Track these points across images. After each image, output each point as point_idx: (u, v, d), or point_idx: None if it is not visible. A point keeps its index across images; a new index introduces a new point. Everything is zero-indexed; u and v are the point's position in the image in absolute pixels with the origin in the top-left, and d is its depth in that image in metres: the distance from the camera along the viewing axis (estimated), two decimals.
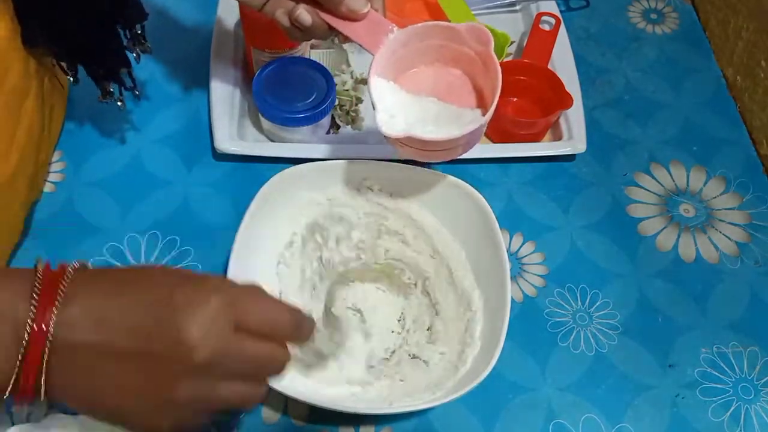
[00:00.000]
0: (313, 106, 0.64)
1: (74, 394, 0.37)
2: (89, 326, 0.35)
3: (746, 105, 0.74)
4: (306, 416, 0.54)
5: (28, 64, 0.55)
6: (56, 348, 0.35)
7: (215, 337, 0.36)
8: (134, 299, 0.36)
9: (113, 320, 0.36)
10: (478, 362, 0.51)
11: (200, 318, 0.35)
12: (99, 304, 0.36)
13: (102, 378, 0.36)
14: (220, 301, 0.36)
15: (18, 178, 0.55)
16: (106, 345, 0.35)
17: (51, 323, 0.35)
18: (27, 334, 0.35)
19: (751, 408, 0.56)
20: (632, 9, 0.83)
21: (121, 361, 0.36)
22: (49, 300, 0.35)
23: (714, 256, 0.64)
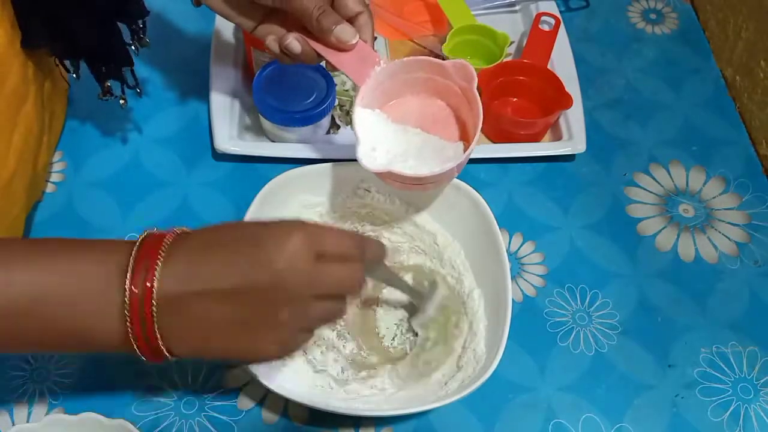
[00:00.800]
0: (313, 106, 0.64)
1: (189, 343, 0.41)
2: (190, 278, 0.39)
3: (745, 105, 0.74)
4: (306, 417, 0.54)
5: (26, 69, 0.55)
6: (163, 303, 0.39)
7: (303, 265, 0.40)
8: (226, 249, 0.40)
9: (211, 269, 0.40)
10: (479, 363, 0.51)
11: (286, 253, 0.39)
12: (196, 258, 0.40)
13: (210, 321, 0.40)
14: (300, 236, 0.40)
15: (16, 182, 0.55)
16: (209, 289, 0.39)
17: (155, 281, 0.39)
18: (134, 294, 0.39)
19: (751, 408, 0.56)
20: (632, 9, 0.83)
21: (224, 302, 0.40)
22: (151, 261, 0.39)
23: (713, 256, 0.64)
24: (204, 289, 0.39)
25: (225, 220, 0.62)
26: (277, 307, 0.40)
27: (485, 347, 0.52)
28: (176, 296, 0.39)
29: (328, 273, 0.41)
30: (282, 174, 0.57)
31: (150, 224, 0.62)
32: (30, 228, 0.61)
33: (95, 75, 0.60)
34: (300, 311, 0.41)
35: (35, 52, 0.56)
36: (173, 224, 0.61)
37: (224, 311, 0.40)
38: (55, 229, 0.62)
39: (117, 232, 0.62)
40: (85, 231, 0.62)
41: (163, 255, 0.40)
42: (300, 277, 0.40)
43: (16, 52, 0.53)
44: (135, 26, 0.59)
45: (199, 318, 0.40)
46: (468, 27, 0.73)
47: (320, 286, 0.41)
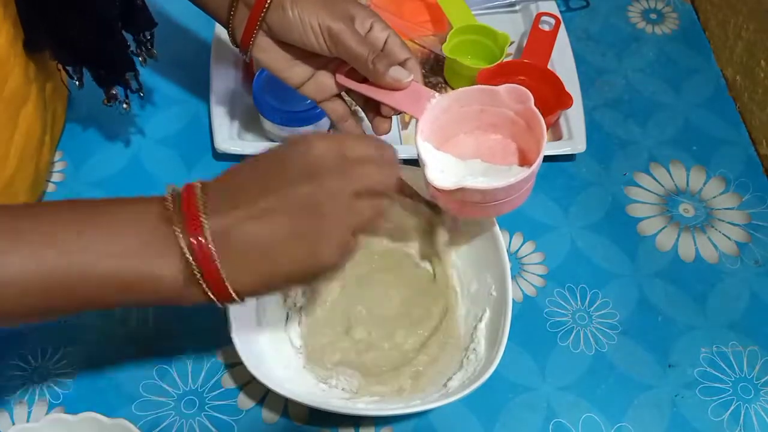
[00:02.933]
0: (314, 106, 0.64)
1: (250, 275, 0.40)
2: (232, 208, 0.39)
3: (746, 105, 0.74)
4: (306, 417, 0.54)
5: (28, 70, 0.55)
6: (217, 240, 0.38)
7: (332, 163, 0.40)
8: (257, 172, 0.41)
9: (248, 194, 0.40)
10: (479, 363, 0.51)
11: (313, 150, 0.40)
12: (232, 189, 0.41)
13: (263, 242, 0.40)
14: (323, 140, 0.41)
15: (16, 182, 0.55)
16: (253, 214, 0.39)
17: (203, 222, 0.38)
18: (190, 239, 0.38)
19: (751, 407, 0.56)
20: (632, 9, 0.83)
21: (271, 220, 0.39)
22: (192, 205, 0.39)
23: (713, 255, 0.64)
24: (248, 213, 0.39)
25: None
26: (322, 208, 0.40)
27: (485, 347, 0.52)
28: (225, 230, 0.39)
29: (360, 168, 0.41)
30: None
31: None
32: None
33: (97, 81, 0.59)
34: (344, 207, 0.41)
35: (37, 53, 0.56)
36: None
37: (274, 228, 0.39)
38: None
39: None
40: None
41: (199, 197, 0.40)
42: (334, 174, 0.40)
43: (18, 53, 0.53)
44: (142, 37, 0.59)
45: (253, 243, 0.39)
46: (468, 27, 0.73)
47: (356, 180, 0.41)
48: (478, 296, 0.56)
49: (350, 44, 0.50)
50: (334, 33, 0.50)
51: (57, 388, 0.54)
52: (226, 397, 0.55)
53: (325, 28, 0.50)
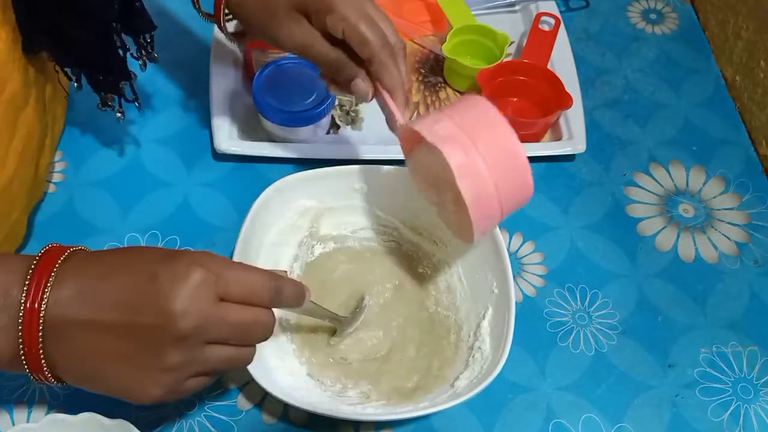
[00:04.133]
0: (313, 106, 0.64)
1: (73, 371, 0.41)
2: (79, 304, 0.38)
3: (745, 105, 0.74)
4: (306, 418, 0.54)
5: (27, 73, 0.55)
6: (50, 327, 0.38)
7: (198, 307, 0.38)
8: (121, 278, 0.39)
9: (102, 298, 0.39)
10: (486, 362, 0.51)
11: (183, 290, 0.38)
12: (88, 283, 0.39)
13: (96, 352, 0.39)
14: (202, 274, 0.39)
15: (15, 185, 0.55)
16: (96, 321, 0.38)
17: (44, 303, 0.38)
18: (21, 315, 0.38)
19: (751, 408, 0.56)
20: (632, 9, 0.83)
21: (111, 335, 0.39)
22: (41, 281, 0.38)
23: (713, 256, 0.64)
24: (90, 318, 0.38)
25: (224, 221, 0.63)
26: (166, 350, 0.38)
27: (490, 345, 0.52)
28: (61, 321, 0.38)
29: (228, 317, 0.40)
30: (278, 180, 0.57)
31: (150, 224, 0.63)
32: (31, 228, 0.61)
33: (93, 86, 0.59)
34: (192, 356, 0.39)
35: (37, 56, 0.56)
36: (173, 224, 0.63)
37: (109, 346, 0.39)
38: (56, 229, 0.62)
39: (117, 232, 0.62)
40: (86, 231, 0.62)
41: (54, 274, 0.39)
42: (194, 320, 0.38)
43: (17, 57, 0.53)
44: (142, 40, 0.59)
45: (83, 348, 0.39)
46: (468, 27, 0.74)
47: (218, 330, 0.40)
48: (479, 294, 0.56)
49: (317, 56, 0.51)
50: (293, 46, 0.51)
51: (57, 388, 0.54)
52: (226, 397, 0.55)
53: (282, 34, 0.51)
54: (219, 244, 0.62)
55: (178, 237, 0.62)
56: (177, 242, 0.62)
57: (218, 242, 0.62)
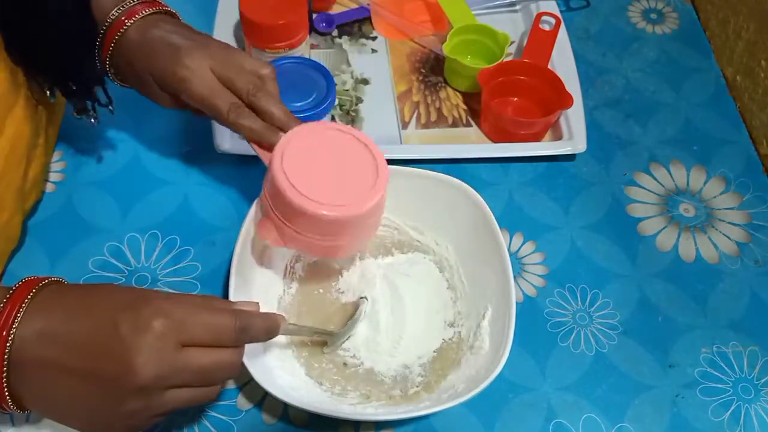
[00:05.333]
0: (313, 106, 0.64)
1: (36, 406, 0.42)
2: (43, 345, 0.39)
3: (746, 105, 0.74)
4: (306, 418, 0.54)
5: (15, 75, 0.53)
6: (14, 364, 0.39)
7: (158, 359, 0.39)
8: (85, 322, 0.40)
9: (65, 340, 0.40)
10: (486, 361, 0.51)
11: (144, 342, 0.39)
12: (53, 324, 0.40)
13: (56, 391, 0.40)
14: (163, 324, 0.39)
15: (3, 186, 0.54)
16: (58, 362, 0.39)
17: (8, 341, 0.39)
18: None
19: (751, 408, 0.56)
20: (632, 9, 0.83)
21: (72, 378, 0.39)
22: (9, 317, 0.39)
23: (714, 255, 0.64)
24: (53, 358, 0.39)
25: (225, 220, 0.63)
26: (126, 397, 0.39)
27: (490, 344, 0.52)
28: (27, 360, 0.39)
29: (189, 364, 0.40)
30: None
31: (150, 224, 0.62)
32: (30, 228, 0.61)
33: (64, 94, 0.58)
34: (151, 403, 0.40)
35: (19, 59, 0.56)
36: (173, 224, 0.63)
37: (72, 387, 0.40)
38: (55, 229, 0.62)
39: (117, 232, 0.62)
40: (85, 231, 0.62)
41: (26, 305, 0.40)
42: (154, 371, 0.39)
43: (3, 57, 0.52)
44: None
45: (46, 387, 0.40)
46: (468, 27, 0.73)
47: (178, 377, 0.40)
48: (479, 294, 0.56)
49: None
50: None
51: None
52: (226, 397, 0.55)
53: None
54: (219, 244, 0.62)
55: (178, 237, 0.62)
56: (177, 242, 0.62)
57: (218, 242, 0.62)
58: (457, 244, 0.59)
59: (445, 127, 0.71)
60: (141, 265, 0.60)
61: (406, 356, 0.55)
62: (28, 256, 0.60)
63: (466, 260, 0.58)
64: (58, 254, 0.60)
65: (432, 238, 0.60)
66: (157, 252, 0.61)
